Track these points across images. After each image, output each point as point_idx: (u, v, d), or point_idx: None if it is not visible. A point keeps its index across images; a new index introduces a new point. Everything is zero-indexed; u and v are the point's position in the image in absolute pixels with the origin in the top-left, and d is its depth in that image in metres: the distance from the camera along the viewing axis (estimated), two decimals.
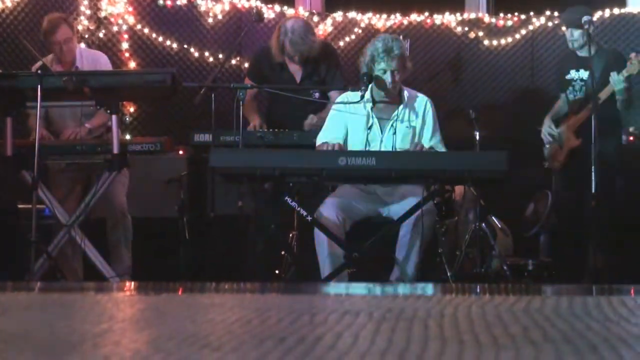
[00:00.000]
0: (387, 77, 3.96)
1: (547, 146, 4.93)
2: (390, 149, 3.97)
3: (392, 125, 4.03)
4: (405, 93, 4.09)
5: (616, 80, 4.47)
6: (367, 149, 3.96)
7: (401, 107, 4.06)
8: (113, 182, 4.33)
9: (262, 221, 4.48)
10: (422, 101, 4.11)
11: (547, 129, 4.89)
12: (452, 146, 4.67)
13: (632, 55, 4.50)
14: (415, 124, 4.05)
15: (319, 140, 4.05)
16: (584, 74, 4.78)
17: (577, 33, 4.69)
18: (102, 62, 4.71)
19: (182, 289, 2.77)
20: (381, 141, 4.02)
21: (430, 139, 4.05)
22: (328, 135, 4.05)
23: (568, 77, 4.87)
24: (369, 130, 4.03)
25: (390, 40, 3.98)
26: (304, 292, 2.83)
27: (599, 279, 4.20)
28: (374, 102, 4.06)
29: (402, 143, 4.00)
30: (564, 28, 4.99)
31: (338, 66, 4.82)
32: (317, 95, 4.58)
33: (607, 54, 4.84)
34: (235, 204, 4.01)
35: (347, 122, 4.07)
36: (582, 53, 4.77)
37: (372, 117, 4.04)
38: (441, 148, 4.06)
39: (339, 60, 5.01)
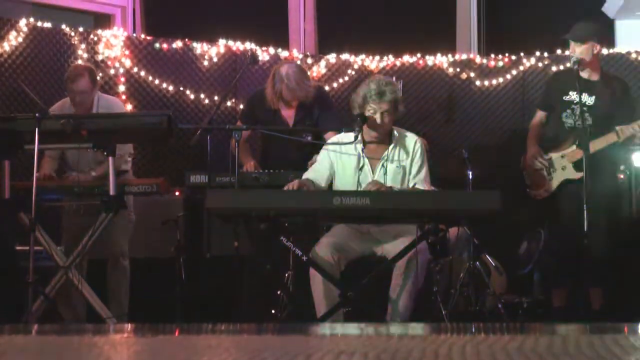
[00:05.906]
0: (377, 118, 4.00)
1: (526, 173, 4.72)
2: None
3: (382, 165, 4.06)
4: (395, 133, 4.12)
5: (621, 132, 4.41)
6: (358, 189, 3.97)
7: (391, 147, 4.09)
8: (114, 225, 4.36)
9: (257, 261, 4.50)
10: (411, 140, 4.13)
11: (537, 155, 4.65)
12: (445, 185, 4.72)
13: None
14: (406, 164, 4.07)
15: (303, 177, 4.08)
16: (587, 98, 4.52)
17: (579, 49, 4.46)
18: (116, 108, 4.78)
19: (179, 331, 2.78)
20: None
21: (414, 176, 4.07)
22: (311, 174, 4.09)
23: (567, 98, 4.58)
24: (360, 171, 4.05)
25: (384, 84, 4.01)
26: (299, 332, 2.83)
27: (593, 317, 4.21)
28: (364, 143, 4.10)
29: (392, 183, 4.01)
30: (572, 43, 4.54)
31: (331, 108, 4.89)
32: (309, 138, 4.63)
33: (613, 81, 4.65)
34: (231, 244, 4.03)
35: (338, 163, 4.09)
36: (585, 75, 4.53)
37: (363, 157, 4.07)
38: (422, 186, 4.03)
39: (331, 102, 5.08)
